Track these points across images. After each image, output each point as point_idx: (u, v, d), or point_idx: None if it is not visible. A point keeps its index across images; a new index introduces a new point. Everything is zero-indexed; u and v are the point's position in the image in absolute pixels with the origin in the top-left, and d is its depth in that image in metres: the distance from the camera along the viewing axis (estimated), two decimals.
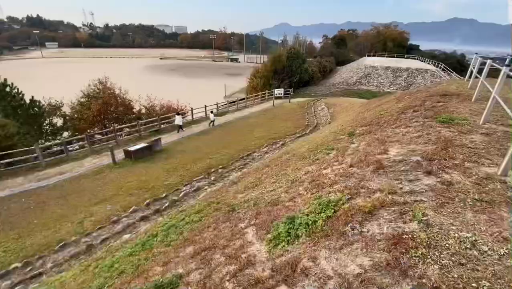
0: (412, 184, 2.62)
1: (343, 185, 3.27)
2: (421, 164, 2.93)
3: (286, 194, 4.10)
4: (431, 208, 2.11)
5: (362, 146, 4.72)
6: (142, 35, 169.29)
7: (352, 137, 6.20)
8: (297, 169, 5.48)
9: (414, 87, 34.37)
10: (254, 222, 3.50)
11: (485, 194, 2.23)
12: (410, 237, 1.80)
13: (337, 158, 4.71)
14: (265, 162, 9.19)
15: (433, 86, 9.34)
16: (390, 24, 76.12)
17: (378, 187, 2.81)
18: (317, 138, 8.90)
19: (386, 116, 6.85)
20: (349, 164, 3.97)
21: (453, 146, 3.26)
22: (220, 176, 10.70)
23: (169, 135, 17.59)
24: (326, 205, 2.76)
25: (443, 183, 2.46)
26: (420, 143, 3.69)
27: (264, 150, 13.90)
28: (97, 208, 9.03)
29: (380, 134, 5.06)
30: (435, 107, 5.51)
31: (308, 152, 6.94)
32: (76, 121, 18.75)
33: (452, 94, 6.47)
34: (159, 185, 10.31)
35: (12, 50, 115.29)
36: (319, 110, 22.97)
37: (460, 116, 4.56)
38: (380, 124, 6.12)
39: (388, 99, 12.31)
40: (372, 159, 3.71)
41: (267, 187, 5.06)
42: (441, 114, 4.78)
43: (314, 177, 4.17)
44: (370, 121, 7.24)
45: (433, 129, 4.09)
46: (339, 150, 5.25)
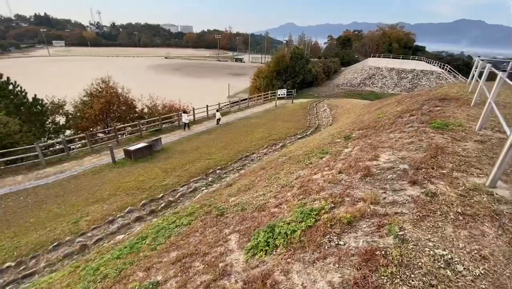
0: (396, 194, 2.53)
1: (329, 192, 3.19)
2: (408, 173, 2.83)
3: (274, 199, 4.03)
4: (410, 222, 2.02)
5: (354, 151, 4.62)
6: (148, 34, 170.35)
7: (348, 141, 6.10)
8: (290, 172, 5.40)
9: (419, 89, 33.95)
10: (238, 228, 3.44)
11: (469, 207, 2.14)
12: (383, 253, 1.72)
13: (328, 162, 4.62)
14: (262, 164, 9.12)
15: (434, 89, 9.17)
16: (396, 25, 75.33)
17: (363, 195, 2.72)
18: (315, 141, 8.80)
19: (383, 120, 6.72)
20: (338, 169, 3.88)
21: (443, 154, 3.16)
22: (218, 177, 10.65)
23: (170, 135, 17.65)
24: (308, 214, 2.68)
25: (427, 194, 2.36)
26: (411, 150, 3.59)
27: (263, 151, 13.82)
28: (94, 208, 9.05)
29: (374, 139, 4.96)
30: (431, 112, 5.38)
31: (303, 155, 6.84)
32: (78, 119, 18.89)
33: (451, 98, 6.32)
34: (157, 185, 10.31)
35: (19, 48, 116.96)
36: (321, 112, 22.81)
37: (456, 122, 4.43)
38: (376, 128, 6.00)
39: (389, 101, 12.13)
40: (362, 165, 3.62)
41: (258, 191, 4.99)
42: (436, 119, 4.66)
43: (303, 182, 4.09)
44: (367, 124, 7.12)
45: (426, 136, 3.98)
46: (332, 154, 5.16)
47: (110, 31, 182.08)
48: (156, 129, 18.18)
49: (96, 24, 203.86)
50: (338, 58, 56.65)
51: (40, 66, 72.70)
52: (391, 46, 65.18)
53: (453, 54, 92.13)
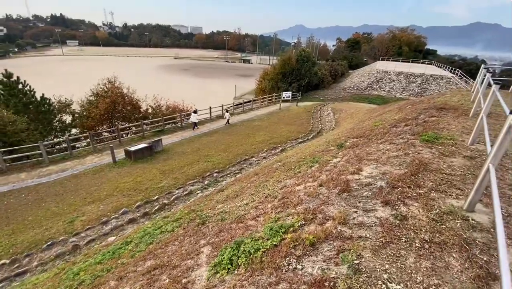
0: (366, 214, 2.41)
1: (305, 206, 3.09)
2: (383, 191, 2.71)
3: (255, 210, 3.95)
4: (371, 249, 1.91)
5: (342, 162, 4.50)
6: (159, 35, 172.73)
7: (340, 149, 5.97)
8: (278, 181, 5.31)
9: (428, 94, 33.20)
10: (213, 240, 3.38)
11: (438, 233, 2.01)
12: (332, 285, 1.62)
13: (314, 173, 4.51)
14: (257, 169, 9.05)
15: (437, 97, 8.90)
16: (407, 28, 74.06)
17: (334, 213, 2.61)
18: (311, 147, 8.67)
19: (378, 128, 6.55)
20: (321, 181, 3.77)
21: (425, 171, 3.02)
22: (214, 180, 10.63)
23: (172, 136, 17.76)
24: (277, 232, 2.59)
25: (396, 217, 2.24)
26: (394, 165, 3.45)
27: (263, 154, 13.73)
28: (90, 208, 9.16)
29: (363, 149, 4.82)
30: (426, 122, 5.20)
31: (295, 162, 6.73)
32: (84, 119, 19.24)
33: (450, 108, 6.11)
34: (153, 187, 10.35)
35: (35, 47, 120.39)
36: (325, 116, 22.56)
37: (448, 134, 4.26)
38: (369, 138, 5.85)
39: (391, 108, 11.87)
40: (343, 178, 3.50)
41: (244, 199, 4.92)
42: (428, 131, 4.49)
43: (286, 194, 4.00)
44: (363, 132, 6.96)
45: (413, 149, 3.82)
46: (321, 164, 5.04)
47: (122, 31, 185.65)
48: (159, 130, 18.33)
49: (109, 24, 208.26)
50: (346, 61, 56.05)
51: (54, 65, 74.69)
52: (401, 49, 64.09)
53: (466, 58, 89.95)
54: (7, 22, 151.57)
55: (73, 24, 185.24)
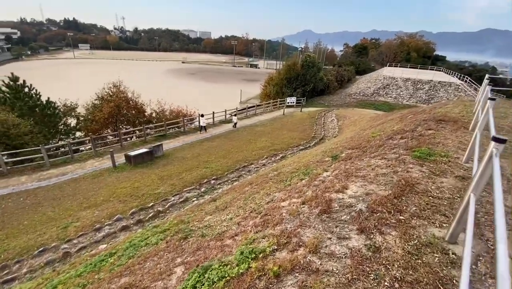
0: (339, 243, 2.24)
1: (283, 227, 2.93)
2: (361, 216, 2.53)
3: (237, 226, 3.81)
4: (334, 287, 1.74)
5: (330, 177, 4.32)
6: (168, 39, 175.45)
7: (333, 162, 5.78)
8: (267, 194, 5.15)
9: (435, 101, 32.55)
10: (188, 260, 3.24)
11: (412, 270, 1.83)
12: None
13: (302, 188, 4.34)
14: (252, 177, 8.91)
15: (439, 106, 8.62)
16: (415, 33, 73.26)
17: (309, 239, 2.45)
18: (308, 157, 8.48)
19: (375, 140, 6.34)
20: (305, 198, 3.61)
21: (411, 193, 2.83)
22: (211, 188, 10.51)
23: (174, 141, 17.79)
24: (246, 257, 2.44)
25: (369, 248, 2.07)
26: (380, 184, 3.27)
27: (262, 161, 13.58)
28: (85, 213, 9.14)
29: (355, 163, 4.63)
30: (422, 136, 4.98)
31: (289, 173, 6.57)
32: (88, 122, 19.49)
33: (449, 120, 5.86)
34: (150, 193, 10.30)
35: (48, 50, 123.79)
36: (329, 122, 22.29)
37: (443, 150, 4.04)
38: (364, 150, 5.65)
39: (393, 116, 11.60)
40: (327, 197, 3.34)
41: (230, 213, 4.78)
42: (422, 146, 4.28)
43: (270, 210, 3.84)
44: (359, 144, 6.75)
45: (403, 166, 3.63)
46: (310, 178, 4.87)
47: (132, 35, 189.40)
48: (161, 135, 18.40)
49: (120, 29, 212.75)
50: (353, 66, 55.65)
51: (64, 68, 76.54)
52: (409, 55, 63.31)
53: (476, 64, 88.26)
54: (21, 25, 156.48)
55: (85, 28, 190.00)
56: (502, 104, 8.37)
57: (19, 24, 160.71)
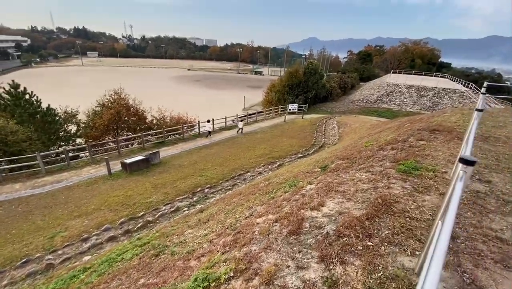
0: (296, 273, 2.00)
1: (249, 249, 2.70)
2: (327, 241, 2.29)
3: (208, 244, 3.59)
4: None
5: (312, 191, 4.08)
6: (175, 47, 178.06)
7: (322, 173, 5.53)
8: (249, 207, 4.92)
9: (440, 108, 31.97)
10: (150, 282, 3.03)
11: None
12: None
13: (282, 202, 4.11)
14: (243, 188, 8.67)
15: (436, 115, 8.32)
16: (420, 40, 72.91)
17: (268, 265, 2.22)
18: (301, 166, 8.22)
19: (367, 150, 6.08)
20: (280, 216, 3.37)
21: (387, 213, 2.57)
22: (204, 197, 10.29)
23: (172, 148, 17.70)
24: (198, 286, 2.22)
25: (325, 281, 1.82)
26: (358, 202, 3.02)
27: (259, 169, 13.33)
28: (75, 222, 9.00)
29: (340, 176, 4.38)
30: (412, 147, 4.72)
31: (277, 184, 6.34)
32: (88, 129, 19.60)
33: (443, 130, 5.58)
34: (142, 202, 10.13)
35: (57, 57, 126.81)
36: (330, 129, 22.00)
37: (431, 164, 3.78)
38: (354, 161, 5.39)
39: (392, 124, 11.30)
40: (301, 215, 3.10)
41: (208, 228, 4.56)
42: (409, 159, 4.02)
43: (244, 227, 3.62)
44: (351, 154, 6.49)
45: (385, 181, 3.37)
46: (294, 191, 4.62)
47: (140, 43, 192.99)
48: (160, 142, 18.34)
49: (128, 37, 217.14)
50: (357, 73, 55.44)
51: (71, 75, 78.07)
52: (413, 62, 62.88)
53: (482, 71, 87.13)
54: (32, 33, 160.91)
55: (94, 36, 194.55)
56: (502, 113, 8.02)
57: (29, 32, 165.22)
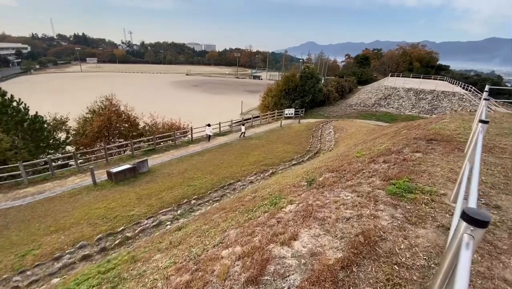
0: None
1: None
2: None
3: (163, 282, 3.03)
4: None
5: (289, 215, 3.54)
6: (173, 52, 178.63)
7: (308, 188, 5.00)
8: (223, 230, 4.38)
9: (439, 111, 31.48)
10: None
11: None
12: None
13: (254, 228, 3.56)
14: (226, 202, 8.11)
15: (434, 121, 7.79)
16: (417, 43, 72.85)
17: None
18: (289, 178, 7.67)
19: (357, 162, 5.55)
20: (244, 250, 2.82)
21: (369, 258, 2.03)
22: (189, 209, 9.72)
23: (163, 155, 17.15)
24: None
25: None
26: (336, 237, 2.47)
27: (251, 178, 12.78)
28: (50, 238, 8.43)
29: (324, 195, 3.84)
30: (406, 161, 4.18)
31: (261, 199, 5.79)
32: (78, 136, 19.09)
33: (442, 140, 5.05)
34: (123, 215, 9.57)
35: (56, 64, 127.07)
36: (326, 134, 21.47)
37: (428, 183, 3.24)
38: (342, 175, 4.86)
39: (389, 130, 10.77)
40: (269, 251, 2.56)
41: (174, 256, 4.00)
42: (403, 176, 3.48)
43: (206, 262, 3.06)
44: (341, 165, 5.96)
45: (372, 208, 2.83)
46: (272, 212, 4.07)
47: (139, 49, 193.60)
48: (150, 149, 17.82)
49: (127, 43, 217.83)
50: (354, 77, 55.16)
51: (68, 81, 77.87)
52: (411, 65, 62.66)
53: (482, 73, 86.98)
54: (32, 40, 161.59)
55: (94, 42, 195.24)
56: (506, 119, 7.50)
57: (30, 39, 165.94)
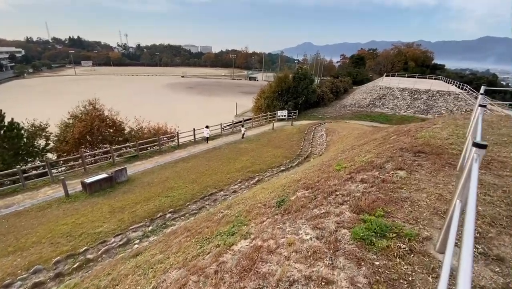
0: None
1: None
2: None
3: None
4: None
5: (230, 263, 2.77)
6: (169, 54, 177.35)
7: (275, 210, 4.23)
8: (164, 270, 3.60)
9: (434, 111, 30.91)
10: None
11: None
12: None
13: (188, 279, 2.78)
14: (192, 222, 7.32)
15: (426, 127, 7.07)
16: (412, 43, 72.54)
17: None
18: (264, 193, 6.89)
19: (336, 177, 4.80)
20: None
21: None
22: (163, 224, 8.92)
23: (146, 162, 16.31)
24: None
25: None
26: None
27: (234, 187, 12.02)
28: (5, 261, 7.60)
29: (281, 231, 3.09)
30: (385, 183, 3.43)
31: (226, 223, 5.03)
32: (58, 143, 18.24)
33: (431, 152, 4.31)
34: (90, 232, 8.75)
35: (50, 67, 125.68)
36: (318, 137, 20.76)
37: (408, 219, 2.49)
38: (312, 198, 4.10)
39: (377, 136, 10.05)
40: None
41: None
42: (377, 208, 2.72)
43: None
44: (318, 180, 5.21)
45: (327, 263, 2.07)
46: (219, 252, 3.29)
47: (135, 51, 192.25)
48: (133, 156, 16.99)
49: (123, 45, 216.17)
50: (349, 77, 54.61)
51: (62, 84, 76.84)
52: (407, 64, 62.25)
53: (477, 72, 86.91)
54: (27, 44, 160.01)
55: (89, 45, 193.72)
56: (504, 123, 6.78)
57: (25, 43, 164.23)
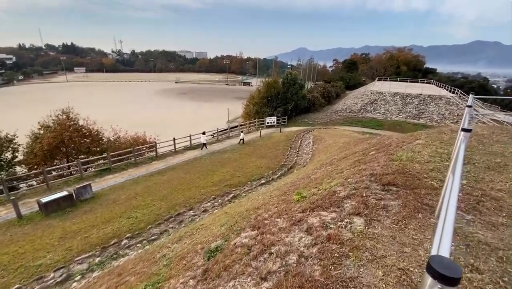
0: None
1: None
2: None
3: None
4: None
5: None
6: (164, 60, 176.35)
7: (201, 264, 3.19)
8: None
9: (426, 115, 30.26)
10: None
11: None
12: None
13: None
14: (127, 261, 6.21)
15: (407, 142, 6.11)
16: (404, 47, 72.71)
17: None
18: (215, 224, 5.84)
19: (291, 211, 3.78)
20: None
21: None
22: (114, 254, 7.79)
23: (118, 176, 15.09)
24: None
25: None
26: None
27: (206, 205, 10.93)
28: None
29: None
30: (331, 241, 2.42)
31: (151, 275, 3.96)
32: (26, 156, 17.02)
33: (404, 186, 3.32)
34: (29, 264, 7.59)
35: (42, 74, 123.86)
36: (305, 145, 19.81)
37: None
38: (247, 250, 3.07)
39: (358, 148, 9.09)
40: None
41: None
42: None
43: None
44: (271, 215, 4.19)
45: None
46: None
47: (129, 57, 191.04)
48: (105, 169, 15.81)
49: (117, 51, 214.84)
50: (342, 82, 54.14)
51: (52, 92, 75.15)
52: (399, 69, 62.12)
53: (468, 75, 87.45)
54: (19, 51, 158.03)
55: (83, 52, 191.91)
56: (496, 136, 5.86)
57: (17, 50, 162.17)
